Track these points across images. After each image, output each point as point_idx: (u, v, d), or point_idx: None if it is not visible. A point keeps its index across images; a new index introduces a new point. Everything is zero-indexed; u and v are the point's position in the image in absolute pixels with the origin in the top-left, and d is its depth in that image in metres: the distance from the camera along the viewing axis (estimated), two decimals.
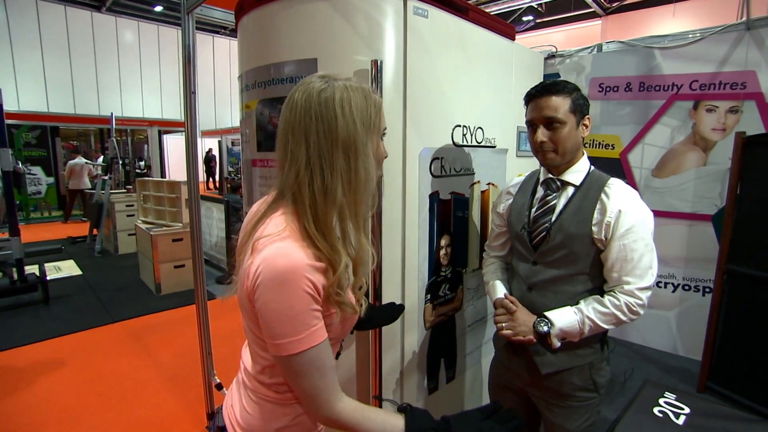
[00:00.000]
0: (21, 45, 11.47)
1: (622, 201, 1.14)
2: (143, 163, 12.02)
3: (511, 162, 1.92)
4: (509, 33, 1.83)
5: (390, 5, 1.31)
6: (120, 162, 7.80)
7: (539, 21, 11.90)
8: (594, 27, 11.46)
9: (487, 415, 0.79)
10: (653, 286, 1.14)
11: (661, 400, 1.30)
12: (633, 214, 1.13)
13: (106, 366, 2.95)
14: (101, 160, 8.69)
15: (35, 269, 4.12)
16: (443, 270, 1.62)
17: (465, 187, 1.67)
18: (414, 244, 1.46)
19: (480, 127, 1.68)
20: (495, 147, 1.79)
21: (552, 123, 1.16)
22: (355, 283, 0.77)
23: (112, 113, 7.63)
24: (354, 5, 1.30)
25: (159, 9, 13.14)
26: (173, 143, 12.76)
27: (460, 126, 1.58)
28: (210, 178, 14.50)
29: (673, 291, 2.70)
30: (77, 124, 10.40)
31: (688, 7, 9.77)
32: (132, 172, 10.10)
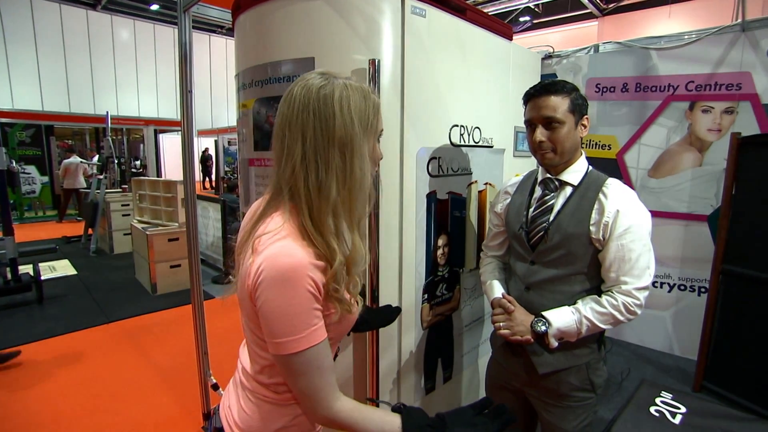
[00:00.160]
0: (15, 43, 11.39)
1: (620, 201, 1.14)
2: (139, 163, 11.95)
3: (508, 162, 1.92)
4: (507, 33, 1.83)
5: (388, 4, 1.30)
6: (116, 161, 7.75)
7: (536, 21, 11.94)
8: (590, 28, 11.51)
9: (479, 411, 0.79)
10: (650, 286, 1.15)
11: (658, 399, 1.30)
12: (631, 214, 1.13)
13: (101, 366, 2.93)
14: (96, 159, 8.65)
15: (29, 269, 4.08)
16: (440, 270, 1.62)
17: (462, 187, 1.67)
18: (411, 243, 1.46)
19: (477, 127, 1.69)
20: (492, 147, 1.79)
21: (551, 123, 1.17)
22: (349, 282, 0.77)
23: (107, 112, 7.59)
24: (351, 4, 1.30)
25: (155, 7, 13.08)
26: (169, 142, 12.72)
27: (457, 126, 1.58)
28: (206, 177, 14.46)
29: (669, 291, 2.71)
30: (72, 123, 10.33)
31: (683, 9, 9.83)
32: (128, 171, 10.04)
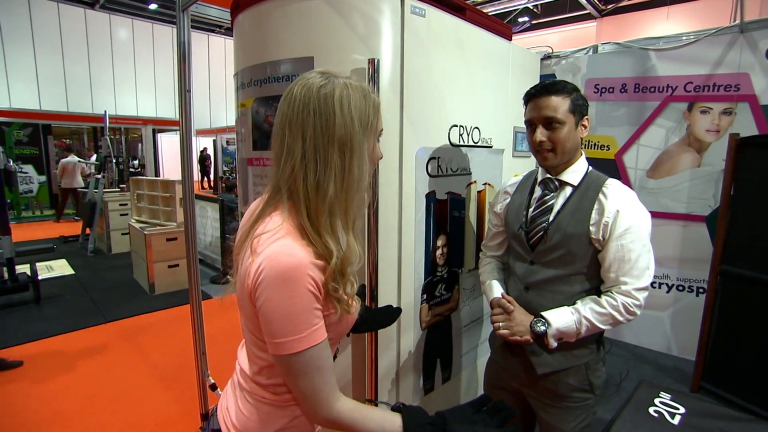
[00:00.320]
0: (13, 42, 11.36)
1: (620, 201, 1.14)
2: (137, 162, 11.93)
3: (508, 162, 1.92)
4: (506, 33, 1.83)
5: (387, 4, 1.30)
6: (114, 161, 7.72)
7: (535, 22, 11.95)
8: (589, 29, 11.53)
9: (478, 408, 0.80)
10: (650, 286, 1.15)
11: (657, 400, 1.30)
12: (631, 214, 1.13)
13: (98, 366, 2.92)
14: (94, 158, 8.62)
15: (26, 269, 4.06)
16: (439, 270, 1.62)
17: (461, 187, 1.67)
18: (410, 244, 1.45)
19: (476, 127, 1.68)
20: (491, 147, 1.79)
21: (551, 123, 1.16)
22: (344, 283, 0.77)
23: (105, 111, 7.56)
24: (351, 3, 1.30)
25: (153, 7, 13.05)
26: (167, 142, 12.69)
27: (456, 126, 1.58)
28: (205, 177, 14.43)
29: (668, 291, 2.71)
30: (70, 122, 10.29)
31: (681, 10, 9.86)
32: (126, 170, 10.01)
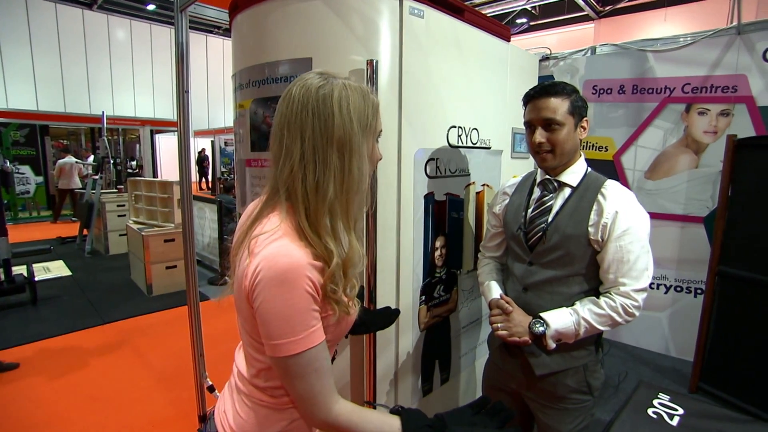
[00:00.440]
0: (10, 42, 11.32)
1: (618, 202, 1.14)
2: (135, 163, 11.91)
3: (506, 163, 1.92)
4: (504, 34, 1.83)
5: (386, 5, 1.30)
6: (111, 161, 7.70)
7: (533, 24, 11.98)
8: (587, 30, 11.56)
9: (477, 410, 0.80)
10: (649, 288, 1.15)
11: (655, 401, 1.30)
12: (629, 215, 1.13)
13: (96, 368, 2.91)
14: (92, 159, 8.59)
15: (23, 270, 4.05)
16: (438, 271, 1.62)
17: (460, 188, 1.67)
18: (409, 245, 1.45)
19: (475, 128, 1.68)
20: (490, 148, 1.79)
21: (550, 124, 1.17)
22: (346, 284, 0.76)
23: (103, 112, 7.55)
24: (349, 4, 1.30)
25: (152, 7, 13.04)
26: (165, 143, 12.66)
27: (455, 127, 1.58)
28: (203, 178, 14.41)
29: (666, 292, 2.72)
30: (67, 122, 10.27)
31: (679, 12, 9.89)
32: (123, 171, 9.99)
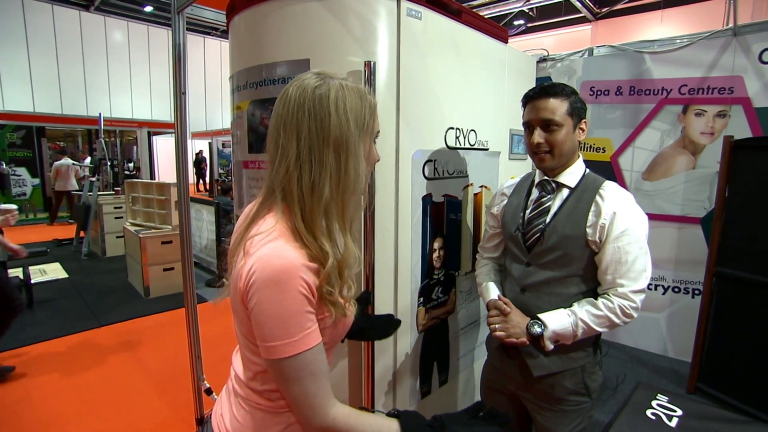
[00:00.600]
0: (6, 43, 11.28)
1: (616, 203, 1.14)
2: (132, 165, 11.87)
3: (504, 165, 1.92)
4: (502, 36, 1.83)
5: (383, 6, 1.30)
6: (108, 163, 7.68)
7: (530, 25, 12.02)
8: (584, 32, 11.59)
9: (474, 415, 0.81)
10: (647, 289, 1.14)
11: (654, 402, 1.30)
12: (628, 216, 1.13)
13: (92, 371, 2.89)
14: (89, 161, 8.57)
15: (19, 272, 4.01)
16: (436, 273, 1.61)
17: (458, 190, 1.67)
18: (407, 246, 1.45)
19: (473, 130, 1.68)
20: (488, 150, 1.79)
21: (549, 125, 1.17)
22: (342, 286, 0.76)
23: (100, 114, 7.52)
24: (347, 6, 1.29)
25: (149, 9, 13.02)
26: (163, 145, 12.64)
27: (453, 128, 1.58)
28: (200, 179, 14.38)
29: (663, 293, 2.72)
30: (64, 124, 10.24)
31: (675, 14, 9.94)
32: (120, 173, 9.96)
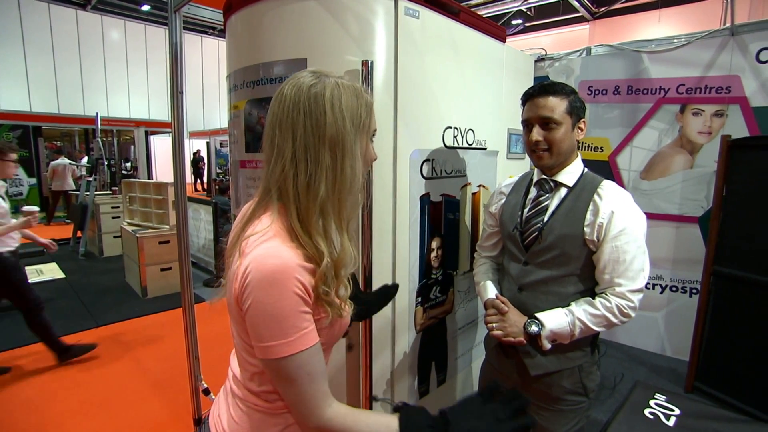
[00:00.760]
0: (2, 42, 11.24)
1: (614, 202, 1.14)
2: (129, 164, 11.84)
3: (502, 164, 1.92)
4: (500, 35, 1.83)
5: (381, 5, 1.30)
6: (105, 163, 7.66)
7: (528, 25, 12.03)
8: (582, 31, 11.61)
9: (488, 398, 0.71)
10: (644, 288, 1.14)
11: (652, 401, 1.30)
12: (626, 215, 1.13)
13: (89, 372, 2.88)
14: (86, 160, 8.54)
15: None
16: (434, 272, 1.61)
17: (456, 189, 1.66)
18: (405, 246, 1.45)
19: (471, 129, 1.68)
20: (486, 149, 1.79)
21: (548, 123, 1.16)
22: (338, 285, 0.75)
23: (97, 113, 7.51)
24: (344, 5, 1.29)
25: (146, 8, 12.97)
26: (160, 144, 12.61)
27: (451, 128, 1.58)
28: (198, 179, 14.35)
29: (661, 292, 2.73)
30: (61, 124, 10.19)
31: (673, 13, 9.97)
32: (118, 173, 9.93)
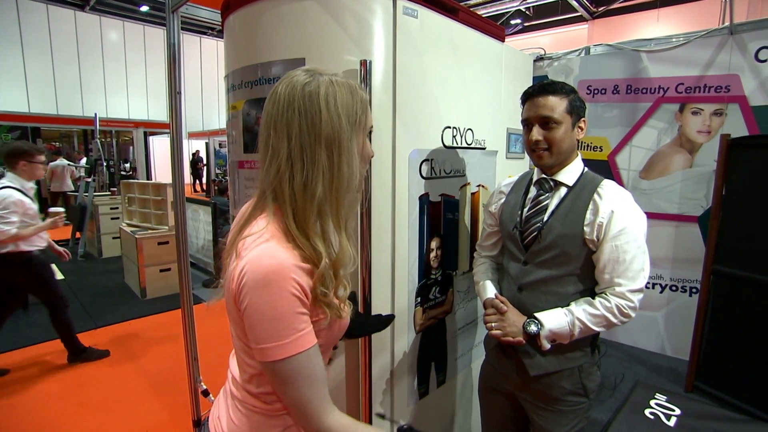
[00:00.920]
0: (0, 44, 11.20)
1: (614, 202, 1.13)
2: (128, 165, 11.83)
3: (501, 164, 1.91)
4: (499, 34, 1.83)
5: (379, 5, 1.29)
6: (104, 164, 7.65)
7: (527, 24, 12.03)
8: (580, 31, 11.62)
9: None
10: (645, 288, 1.14)
11: (652, 401, 1.30)
12: (626, 215, 1.12)
13: (88, 373, 2.87)
14: (84, 161, 8.53)
15: None
16: (433, 273, 1.60)
17: (455, 189, 1.66)
18: (404, 246, 1.44)
19: (470, 129, 1.67)
20: (485, 149, 1.79)
21: (548, 122, 1.16)
22: (337, 286, 0.74)
23: (96, 114, 7.50)
24: (342, 4, 1.28)
25: (145, 9, 12.96)
26: (159, 145, 12.61)
27: (450, 127, 1.57)
28: (197, 180, 14.35)
29: (661, 291, 2.72)
30: (60, 125, 10.19)
31: (672, 12, 9.97)
32: (117, 174, 9.92)
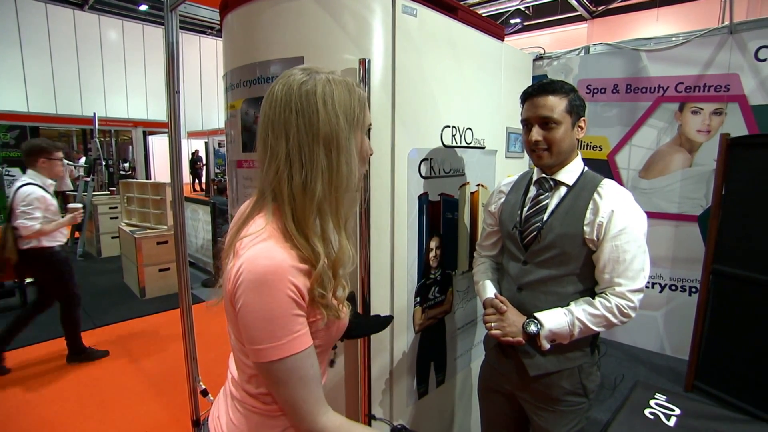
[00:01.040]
0: (0, 43, 11.19)
1: (615, 201, 1.13)
2: (128, 165, 11.81)
3: (501, 163, 1.91)
4: (498, 33, 1.82)
5: (378, 3, 1.28)
6: (103, 163, 7.64)
7: (526, 24, 12.03)
8: (580, 30, 11.62)
9: None
10: (645, 288, 1.14)
11: (652, 401, 1.30)
12: (626, 215, 1.12)
13: (87, 373, 2.87)
14: (83, 161, 8.51)
15: None
16: (432, 272, 1.60)
17: (454, 189, 1.65)
18: (403, 246, 1.44)
19: (469, 128, 1.67)
20: (484, 148, 1.78)
21: (547, 122, 1.15)
22: (336, 286, 0.74)
23: (95, 113, 7.49)
24: (341, 3, 1.28)
25: (144, 8, 12.95)
26: (159, 144, 12.58)
27: (449, 126, 1.57)
28: (196, 179, 14.33)
29: (661, 291, 2.72)
30: (59, 124, 10.17)
31: (671, 12, 9.97)
32: (116, 173, 9.91)
